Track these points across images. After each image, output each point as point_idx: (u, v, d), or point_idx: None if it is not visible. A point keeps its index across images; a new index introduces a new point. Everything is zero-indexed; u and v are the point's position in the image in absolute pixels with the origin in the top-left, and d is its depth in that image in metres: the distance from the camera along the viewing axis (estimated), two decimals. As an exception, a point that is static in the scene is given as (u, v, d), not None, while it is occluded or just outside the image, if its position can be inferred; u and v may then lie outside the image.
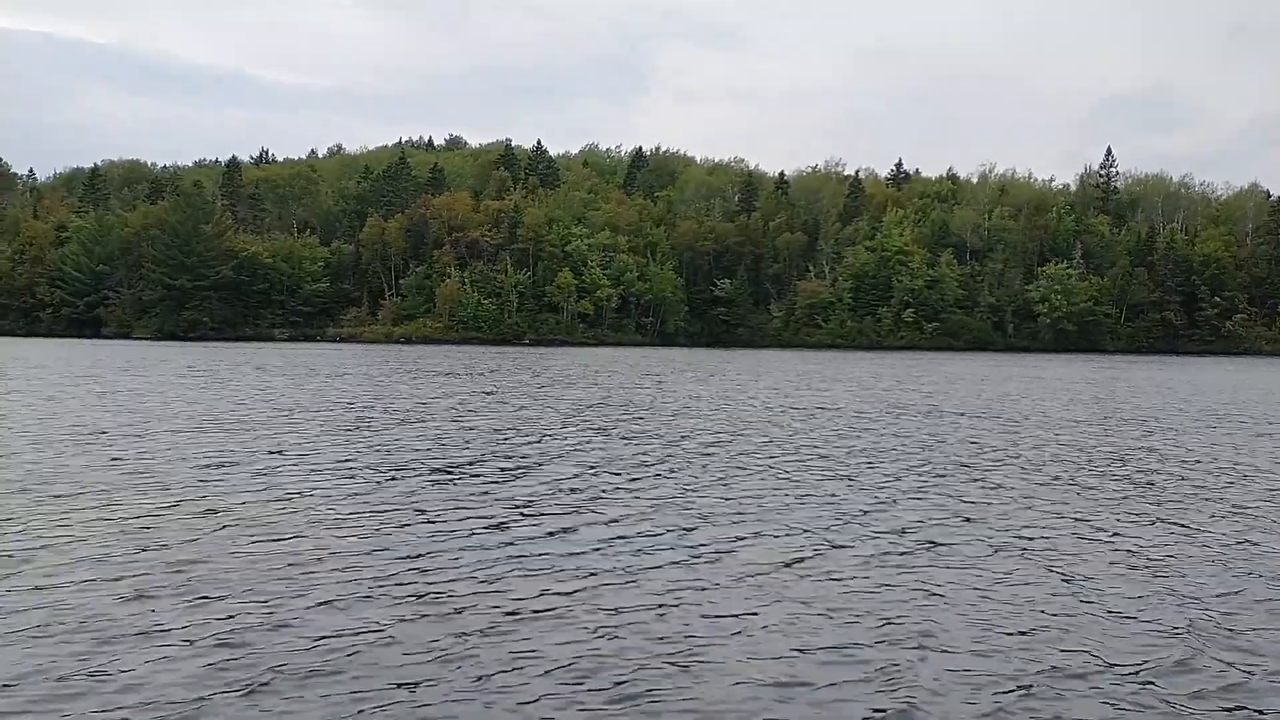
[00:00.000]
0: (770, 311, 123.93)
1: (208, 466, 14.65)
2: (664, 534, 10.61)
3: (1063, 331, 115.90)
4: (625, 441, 18.83)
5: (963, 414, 26.65)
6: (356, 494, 12.66)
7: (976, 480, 14.78)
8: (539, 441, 18.59)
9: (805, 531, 10.82)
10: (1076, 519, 11.92)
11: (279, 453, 16.38)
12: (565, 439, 19.10)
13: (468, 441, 18.41)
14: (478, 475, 14.33)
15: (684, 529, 10.87)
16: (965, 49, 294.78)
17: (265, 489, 12.82)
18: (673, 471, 15.02)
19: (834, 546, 10.14)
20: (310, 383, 35.47)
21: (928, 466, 16.14)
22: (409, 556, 9.41)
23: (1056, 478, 15.19)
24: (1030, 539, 10.76)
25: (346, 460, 15.63)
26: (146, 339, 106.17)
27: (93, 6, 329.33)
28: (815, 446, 18.47)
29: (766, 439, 19.67)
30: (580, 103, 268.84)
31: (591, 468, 15.22)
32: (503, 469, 15.07)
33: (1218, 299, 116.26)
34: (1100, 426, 24.08)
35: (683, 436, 19.93)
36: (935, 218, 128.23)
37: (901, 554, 9.91)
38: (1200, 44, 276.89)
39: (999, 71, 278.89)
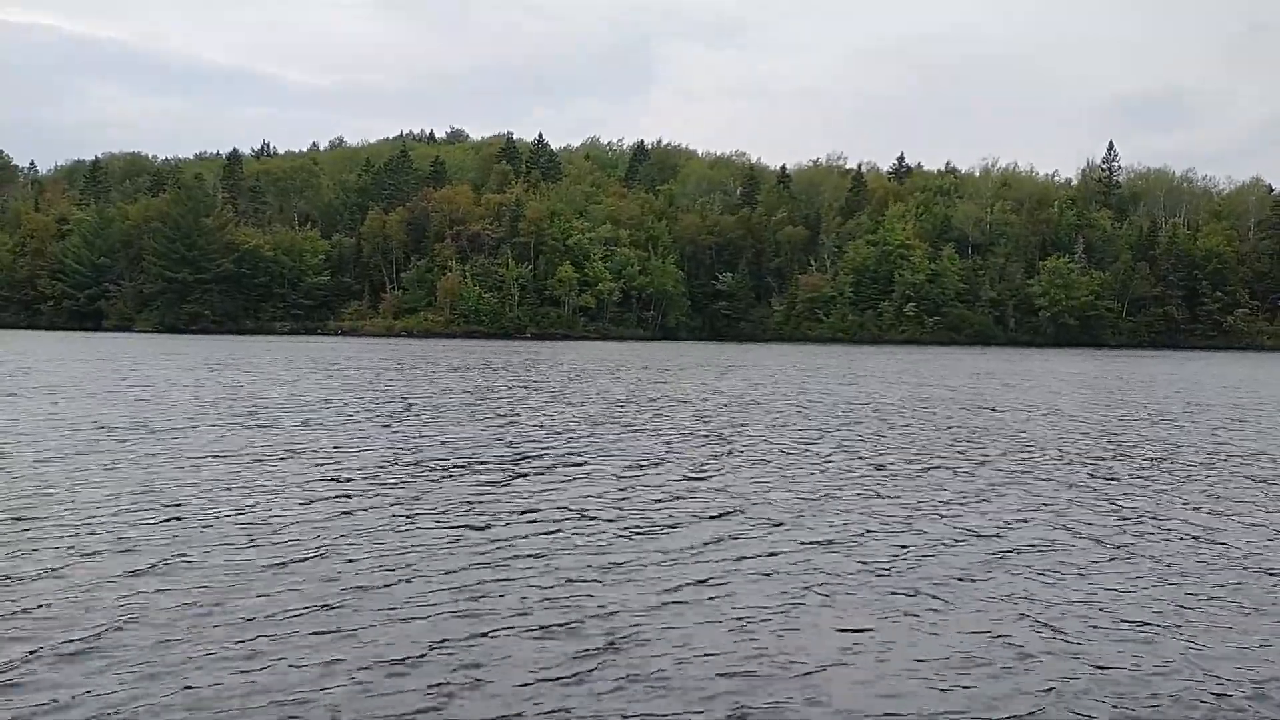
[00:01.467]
0: (771, 305, 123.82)
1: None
2: (798, 536, 10.37)
3: (1064, 326, 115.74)
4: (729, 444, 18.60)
5: (1034, 411, 26.62)
6: (468, 491, 12.60)
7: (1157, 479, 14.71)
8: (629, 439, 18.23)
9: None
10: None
11: (370, 450, 16.36)
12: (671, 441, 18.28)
13: (539, 437, 18.19)
14: (572, 473, 14.17)
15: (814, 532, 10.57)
16: (968, 46, 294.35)
17: (376, 492, 12.73)
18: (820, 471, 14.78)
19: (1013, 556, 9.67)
20: (355, 378, 34.93)
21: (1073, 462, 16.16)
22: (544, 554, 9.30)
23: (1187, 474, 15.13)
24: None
25: (447, 457, 15.45)
26: (147, 332, 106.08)
27: (99, 2, 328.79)
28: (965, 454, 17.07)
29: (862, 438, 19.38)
30: (582, 101, 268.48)
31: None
32: (565, 464, 15.02)
33: (1219, 294, 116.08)
34: (1171, 421, 24.04)
35: (777, 432, 19.87)
36: (937, 211, 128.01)
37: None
38: (1207, 43, 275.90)
39: (1003, 69, 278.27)
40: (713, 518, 11.12)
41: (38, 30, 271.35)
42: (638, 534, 10.27)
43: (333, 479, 13.21)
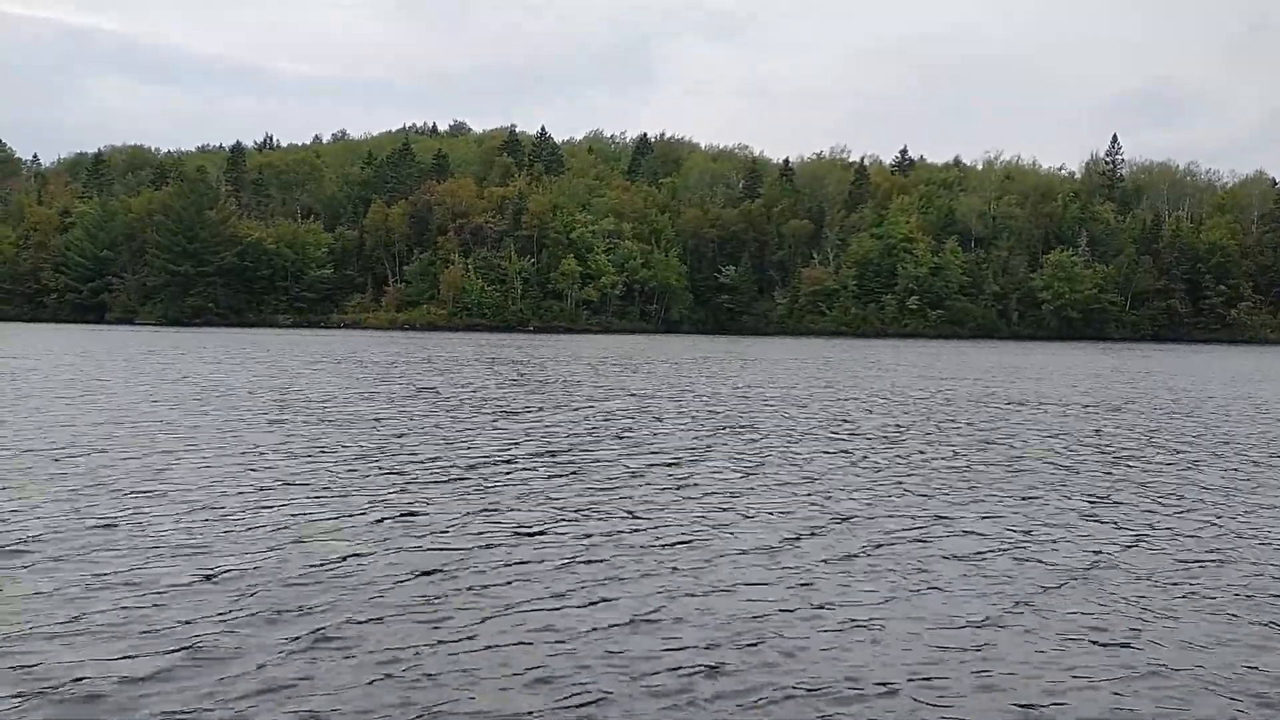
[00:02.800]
0: (774, 299, 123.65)
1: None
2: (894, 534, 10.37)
3: (1067, 319, 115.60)
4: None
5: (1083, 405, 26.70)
6: (542, 486, 12.64)
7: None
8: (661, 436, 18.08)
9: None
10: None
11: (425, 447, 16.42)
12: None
13: (583, 433, 18.17)
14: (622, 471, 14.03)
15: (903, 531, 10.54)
16: (972, 42, 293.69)
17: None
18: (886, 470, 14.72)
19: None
20: (391, 372, 34.85)
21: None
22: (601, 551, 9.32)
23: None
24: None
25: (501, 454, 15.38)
26: (151, 325, 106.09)
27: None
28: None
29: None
30: (585, 99, 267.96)
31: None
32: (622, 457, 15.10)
33: (1223, 287, 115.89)
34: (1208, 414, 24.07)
35: (846, 429, 19.89)
36: (940, 205, 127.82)
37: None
38: (1206, 43, 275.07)
39: (1007, 65, 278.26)
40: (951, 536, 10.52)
41: (40, 23, 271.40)
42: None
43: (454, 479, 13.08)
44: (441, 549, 9.13)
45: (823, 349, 68.30)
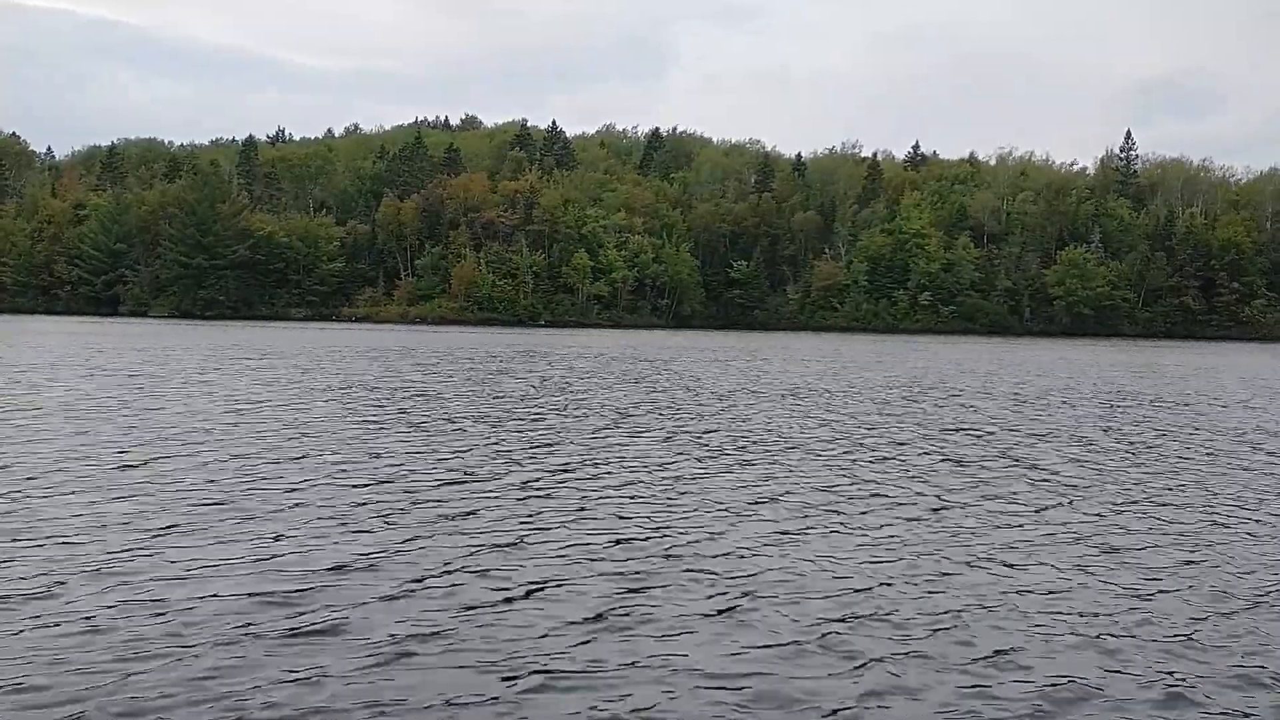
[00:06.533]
0: (786, 294, 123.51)
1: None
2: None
3: (1079, 316, 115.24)
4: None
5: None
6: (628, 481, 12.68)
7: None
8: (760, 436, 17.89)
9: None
10: None
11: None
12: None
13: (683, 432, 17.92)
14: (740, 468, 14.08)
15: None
16: (987, 32, 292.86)
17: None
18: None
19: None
20: (444, 368, 34.40)
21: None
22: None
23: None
24: None
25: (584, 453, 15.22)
26: (163, 318, 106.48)
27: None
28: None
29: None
30: (598, 87, 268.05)
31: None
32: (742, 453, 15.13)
33: (1236, 284, 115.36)
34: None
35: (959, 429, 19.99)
36: (953, 200, 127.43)
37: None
38: (1225, 31, 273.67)
39: (1022, 56, 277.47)
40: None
41: (55, 15, 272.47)
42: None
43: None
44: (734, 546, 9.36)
45: (868, 344, 68.02)
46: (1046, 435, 18.63)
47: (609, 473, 13.19)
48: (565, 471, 13.21)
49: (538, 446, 15.47)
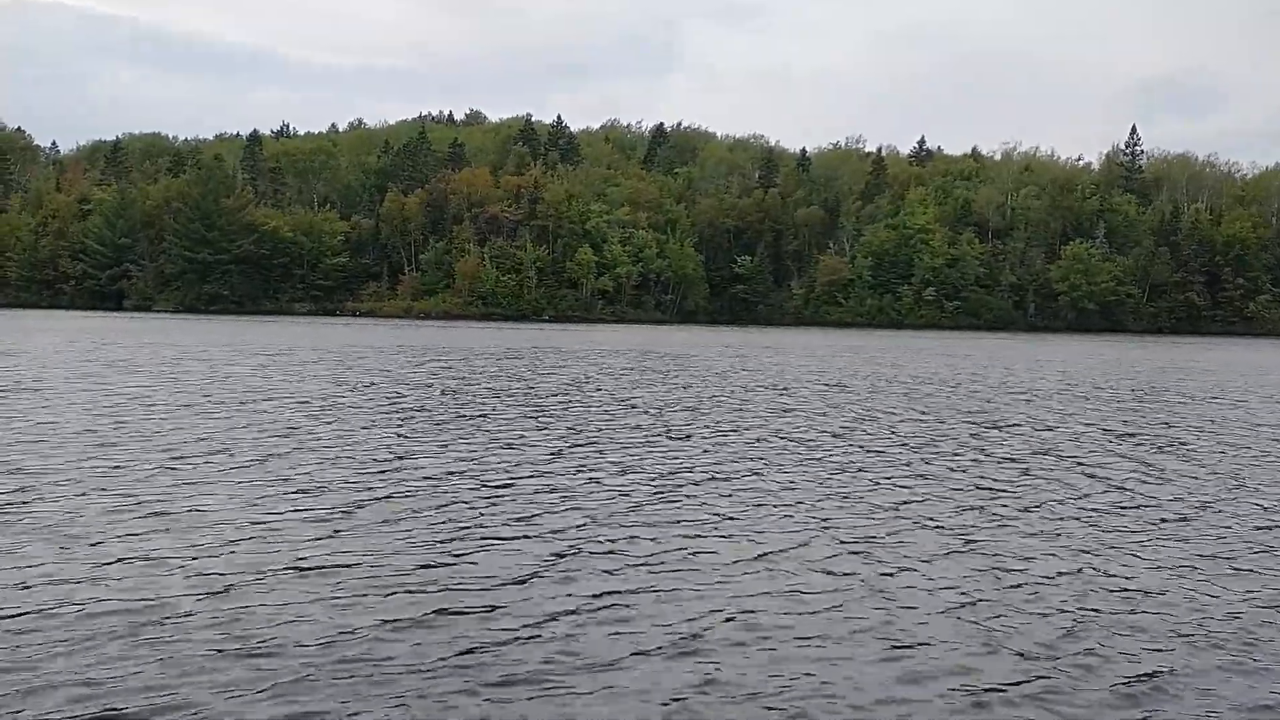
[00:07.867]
0: (790, 289, 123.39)
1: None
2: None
3: (1084, 311, 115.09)
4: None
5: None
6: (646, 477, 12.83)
7: None
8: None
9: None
10: None
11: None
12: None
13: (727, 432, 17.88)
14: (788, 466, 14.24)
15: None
16: (988, 31, 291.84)
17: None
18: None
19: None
20: (475, 365, 34.40)
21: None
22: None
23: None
24: None
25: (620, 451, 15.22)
26: (168, 313, 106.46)
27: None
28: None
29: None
30: (600, 85, 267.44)
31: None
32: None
33: (1241, 280, 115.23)
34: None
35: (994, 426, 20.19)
36: (957, 196, 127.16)
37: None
38: (1228, 28, 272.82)
39: (1024, 55, 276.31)
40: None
41: (59, 10, 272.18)
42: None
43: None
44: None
45: (884, 340, 67.92)
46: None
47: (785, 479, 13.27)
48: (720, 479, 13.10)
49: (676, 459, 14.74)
